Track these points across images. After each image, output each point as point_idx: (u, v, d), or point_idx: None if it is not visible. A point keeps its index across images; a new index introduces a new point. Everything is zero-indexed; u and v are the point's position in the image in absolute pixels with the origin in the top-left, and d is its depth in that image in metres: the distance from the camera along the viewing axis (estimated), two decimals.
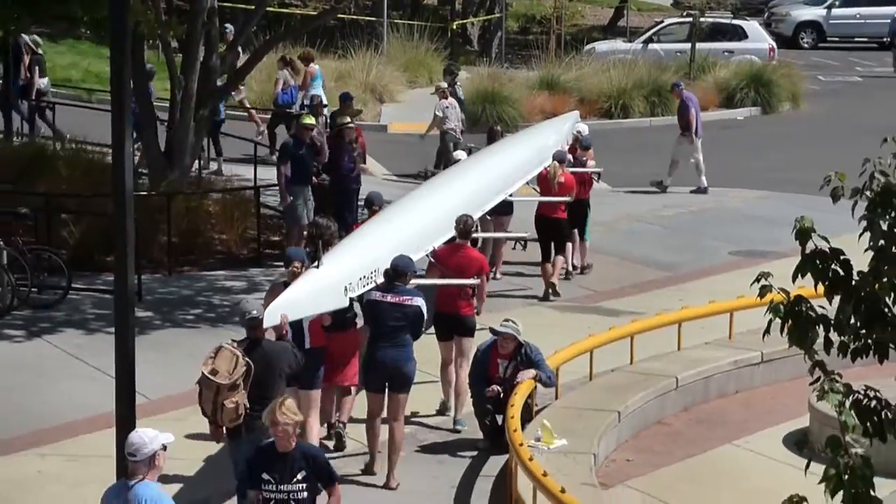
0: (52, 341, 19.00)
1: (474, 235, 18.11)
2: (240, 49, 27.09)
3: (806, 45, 51.36)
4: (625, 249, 24.45)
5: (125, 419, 12.40)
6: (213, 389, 12.69)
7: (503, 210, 21.14)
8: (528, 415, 15.62)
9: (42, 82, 29.48)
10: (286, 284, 14.31)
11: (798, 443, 16.29)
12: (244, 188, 25.05)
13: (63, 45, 37.67)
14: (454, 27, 44.19)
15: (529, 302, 21.16)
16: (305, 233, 19.81)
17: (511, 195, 20.85)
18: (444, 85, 29.60)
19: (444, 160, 27.53)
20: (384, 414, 14.98)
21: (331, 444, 15.36)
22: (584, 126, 24.69)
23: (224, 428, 13.08)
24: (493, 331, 15.90)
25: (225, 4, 29.41)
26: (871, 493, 6.88)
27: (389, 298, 14.80)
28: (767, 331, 7.36)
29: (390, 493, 14.56)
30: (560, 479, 12.97)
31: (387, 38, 41.39)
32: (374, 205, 18.55)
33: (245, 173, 27.04)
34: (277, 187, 22.70)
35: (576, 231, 22.41)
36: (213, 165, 28.05)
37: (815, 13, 52.97)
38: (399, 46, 40.59)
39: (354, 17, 43.24)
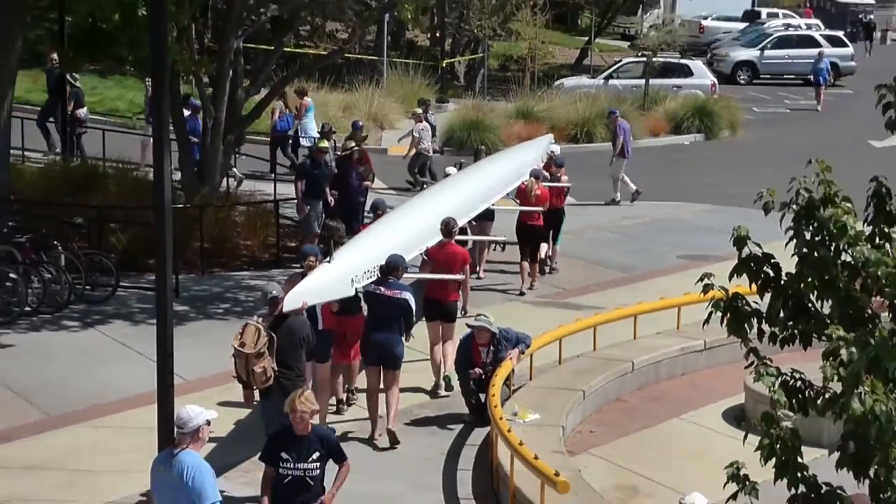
0: (103, 331, 19.01)
1: (462, 237, 18.21)
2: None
3: (742, 82, 51.38)
4: (589, 254, 24.48)
5: (165, 397, 12.42)
6: (243, 359, 13.13)
7: (486, 216, 21.23)
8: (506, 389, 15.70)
9: (81, 112, 29.41)
10: (303, 275, 14.60)
11: (736, 417, 16.33)
12: (265, 201, 25.03)
13: (111, 80, 37.60)
14: (444, 65, 44.14)
15: (509, 297, 21.20)
16: (318, 234, 20.00)
17: (493, 205, 21.01)
18: (420, 111, 29.80)
19: (416, 172, 28.43)
20: (381, 387, 15.18)
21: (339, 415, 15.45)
22: (557, 147, 24.92)
23: (257, 390, 13.39)
24: (469, 325, 15.98)
25: (248, 45, 29.32)
26: (799, 459, 6.91)
27: (383, 291, 15.04)
28: (707, 321, 7.39)
29: (389, 457, 14.59)
30: (534, 448, 12.99)
31: (386, 75, 41.33)
32: (379, 209, 18.70)
33: (266, 188, 27.04)
34: (295, 201, 22.80)
35: (550, 234, 22.54)
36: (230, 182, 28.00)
37: (750, 54, 53.07)
38: (397, 81, 40.52)
39: (359, 56, 43.16)
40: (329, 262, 14.80)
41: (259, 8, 24.78)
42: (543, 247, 22.29)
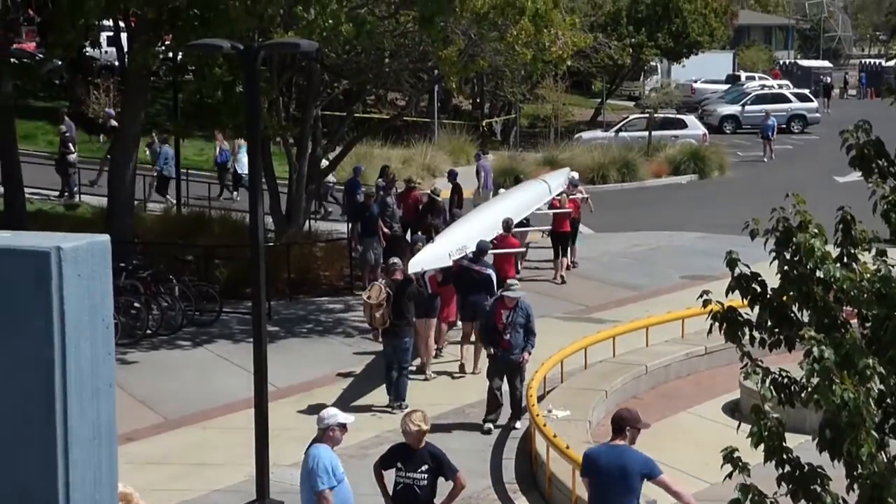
0: (209, 349, 19.04)
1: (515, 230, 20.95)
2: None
3: (728, 131, 51.09)
4: (606, 276, 24.31)
5: (260, 402, 12.39)
6: (369, 308, 15.58)
7: (524, 224, 23.09)
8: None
9: (72, 157, 29.20)
10: (413, 254, 17.38)
11: (732, 409, 16.13)
12: (339, 239, 25.01)
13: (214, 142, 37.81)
14: (483, 125, 44.17)
15: (541, 310, 21.00)
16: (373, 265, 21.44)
17: (537, 210, 23.47)
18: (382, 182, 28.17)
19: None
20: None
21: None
22: (575, 174, 26.37)
23: (380, 332, 15.91)
24: (503, 293, 15.99)
25: (325, 112, 29.40)
26: (784, 444, 6.78)
27: (475, 266, 17.43)
28: (710, 331, 7.28)
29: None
30: (565, 439, 12.90)
31: (437, 133, 41.43)
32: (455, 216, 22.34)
33: (340, 227, 27.03)
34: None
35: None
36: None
37: (733, 109, 52.91)
38: (446, 138, 40.61)
39: (415, 119, 43.29)
40: (433, 242, 18.37)
41: (333, 83, 24.93)
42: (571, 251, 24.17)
